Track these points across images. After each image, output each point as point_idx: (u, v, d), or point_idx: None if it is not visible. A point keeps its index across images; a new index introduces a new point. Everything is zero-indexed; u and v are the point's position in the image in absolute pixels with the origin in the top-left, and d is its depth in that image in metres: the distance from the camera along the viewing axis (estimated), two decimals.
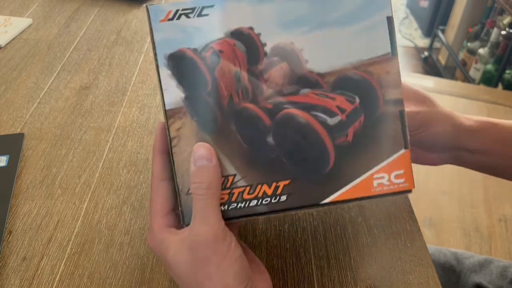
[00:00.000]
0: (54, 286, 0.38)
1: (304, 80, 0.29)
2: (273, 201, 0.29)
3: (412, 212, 0.45)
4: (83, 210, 0.45)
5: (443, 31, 2.33)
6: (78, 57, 0.68)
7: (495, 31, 1.86)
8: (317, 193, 0.28)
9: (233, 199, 0.29)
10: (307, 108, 0.29)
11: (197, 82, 0.29)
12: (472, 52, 2.01)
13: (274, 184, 0.29)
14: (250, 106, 0.29)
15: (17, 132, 0.54)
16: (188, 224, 0.29)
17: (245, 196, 0.29)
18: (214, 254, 0.28)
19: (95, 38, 0.72)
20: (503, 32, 1.83)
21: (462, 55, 2.09)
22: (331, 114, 0.28)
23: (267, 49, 0.29)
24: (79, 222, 0.44)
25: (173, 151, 0.29)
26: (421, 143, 0.42)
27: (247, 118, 0.29)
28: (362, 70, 0.29)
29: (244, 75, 0.29)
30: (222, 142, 0.29)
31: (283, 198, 0.29)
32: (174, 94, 0.29)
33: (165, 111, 0.29)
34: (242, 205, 0.29)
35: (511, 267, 0.57)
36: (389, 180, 0.29)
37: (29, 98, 0.59)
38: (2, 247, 0.41)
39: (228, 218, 0.29)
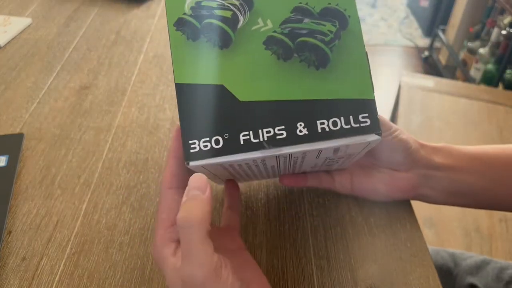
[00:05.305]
0: (53, 287, 0.38)
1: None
2: None
3: (412, 212, 0.45)
4: (82, 210, 0.45)
5: (443, 30, 2.33)
6: (78, 57, 0.67)
7: (495, 30, 1.85)
8: None
9: None
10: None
11: None
12: (473, 51, 2.01)
13: None
14: None
15: (17, 132, 0.54)
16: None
17: None
18: None
19: (95, 38, 0.72)
20: (504, 32, 1.82)
21: (462, 54, 2.09)
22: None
23: None
24: (78, 222, 0.44)
25: None
26: (388, 149, 0.39)
27: None
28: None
29: None
30: None
31: None
32: None
33: None
34: None
35: (509, 269, 0.57)
36: None
37: (28, 98, 0.59)
38: (2, 247, 0.41)
39: None
